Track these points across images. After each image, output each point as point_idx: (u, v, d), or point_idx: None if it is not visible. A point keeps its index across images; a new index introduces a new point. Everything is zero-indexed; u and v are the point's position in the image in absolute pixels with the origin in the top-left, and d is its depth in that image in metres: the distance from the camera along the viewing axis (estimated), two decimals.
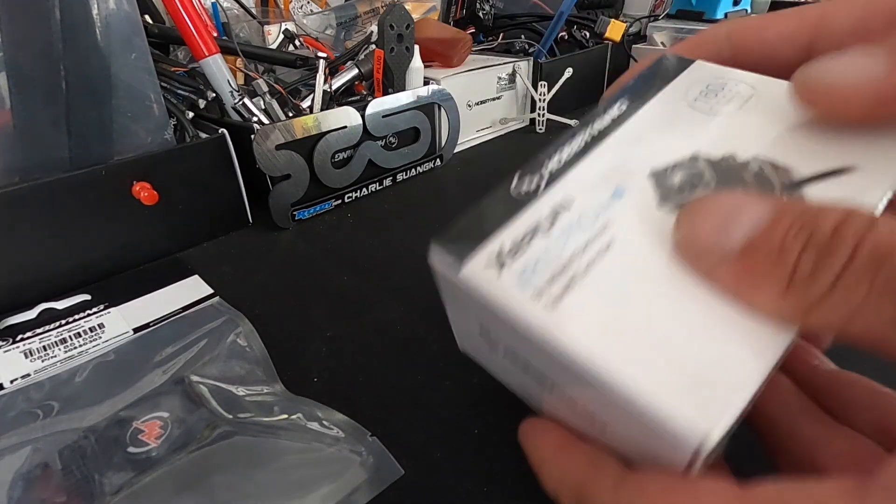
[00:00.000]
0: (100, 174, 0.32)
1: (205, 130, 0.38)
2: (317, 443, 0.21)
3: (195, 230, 0.37)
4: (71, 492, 0.19)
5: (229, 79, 0.40)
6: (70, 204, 0.31)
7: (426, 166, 0.48)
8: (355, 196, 0.43)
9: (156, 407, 0.23)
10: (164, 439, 0.21)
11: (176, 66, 0.44)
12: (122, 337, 0.28)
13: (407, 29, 0.44)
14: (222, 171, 0.37)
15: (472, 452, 0.21)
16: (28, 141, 0.31)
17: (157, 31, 0.48)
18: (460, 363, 0.25)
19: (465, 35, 0.54)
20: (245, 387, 0.24)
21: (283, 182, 0.38)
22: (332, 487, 0.19)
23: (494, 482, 0.20)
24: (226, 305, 0.30)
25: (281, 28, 0.55)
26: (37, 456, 0.21)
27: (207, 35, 0.38)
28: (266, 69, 0.50)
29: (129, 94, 0.33)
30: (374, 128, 0.42)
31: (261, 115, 0.40)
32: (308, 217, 0.41)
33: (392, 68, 0.45)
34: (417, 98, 0.45)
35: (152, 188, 0.33)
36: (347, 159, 0.42)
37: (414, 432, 0.22)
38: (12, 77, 0.29)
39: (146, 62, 0.34)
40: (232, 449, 0.21)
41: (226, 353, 0.26)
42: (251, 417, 0.22)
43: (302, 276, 0.34)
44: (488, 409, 0.23)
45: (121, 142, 0.34)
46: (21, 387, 0.24)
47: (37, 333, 0.28)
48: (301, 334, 0.28)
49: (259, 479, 0.20)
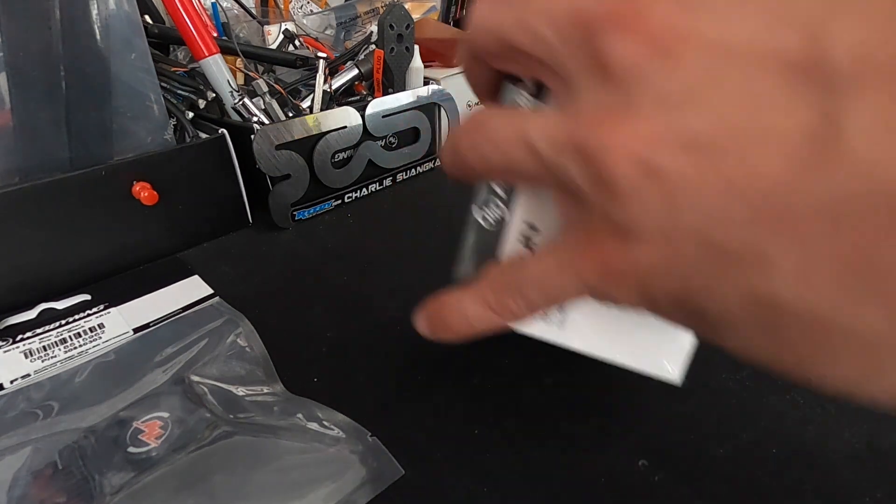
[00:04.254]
0: (100, 174, 0.32)
1: (205, 130, 0.38)
2: (317, 443, 0.21)
3: (195, 230, 0.37)
4: (71, 492, 0.19)
5: (229, 79, 0.40)
6: (70, 204, 0.31)
7: (426, 166, 0.48)
8: (355, 196, 0.43)
9: (156, 407, 0.23)
10: (164, 439, 0.21)
11: (176, 66, 0.44)
12: (122, 337, 0.28)
13: (407, 29, 0.44)
14: (222, 172, 0.37)
15: (472, 452, 0.21)
16: (28, 141, 0.31)
17: (157, 31, 0.48)
18: (460, 363, 0.25)
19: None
20: (245, 387, 0.24)
21: (283, 182, 0.38)
22: (332, 487, 0.19)
23: (494, 482, 0.20)
24: (226, 305, 0.30)
25: (281, 28, 0.55)
26: (37, 456, 0.21)
27: (207, 35, 0.38)
28: (266, 69, 0.50)
29: (129, 95, 0.33)
30: (374, 128, 0.42)
31: (261, 115, 0.40)
32: (308, 217, 0.41)
33: (392, 68, 0.45)
34: (417, 98, 0.45)
35: (152, 188, 0.33)
36: (347, 159, 0.42)
37: (414, 432, 0.22)
38: (12, 77, 0.29)
39: (146, 62, 0.34)
40: (232, 449, 0.21)
41: (226, 353, 0.26)
42: (251, 417, 0.22)
43: (302, 276, 0.34)
44: (488, 409, 0.23)
45: (121, 142, 0.34)
46: (21, 387, 0.24)
47: (37, 333, 0.28)
48: (301, 334, 0.28)
49: (259, 479, 0.20)
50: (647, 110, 0.11)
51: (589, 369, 0.25)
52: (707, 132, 0.11)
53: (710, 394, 0.23)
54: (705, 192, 0.11)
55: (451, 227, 0.39)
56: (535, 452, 0.21)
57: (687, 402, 0.22)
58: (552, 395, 0.23)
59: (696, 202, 0.11)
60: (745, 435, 0.21)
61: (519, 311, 0.16)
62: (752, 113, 0.10)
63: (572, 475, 0.20)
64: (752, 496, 0.19)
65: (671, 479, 0.20)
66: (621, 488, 0.19)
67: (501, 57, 0.15)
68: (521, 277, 0.15)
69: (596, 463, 0.20)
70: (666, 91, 0.11)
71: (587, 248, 0.13)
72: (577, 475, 0.20)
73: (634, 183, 0.11)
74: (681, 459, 0.20)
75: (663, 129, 0.11)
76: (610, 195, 0.12)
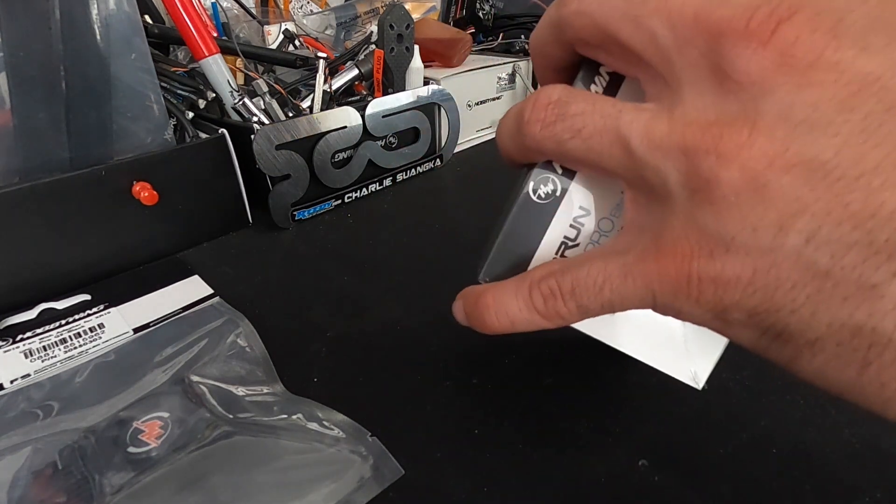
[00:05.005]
0: (100, 174, 0.32)
1: (205, 130, 0.38)
2: (317, 443, 0.21)
3: (195, 230, 0.37)
4: (71, 492, 0.19)
5: (229, 79, 0.40)
6: (70, 204, 0.31)
7: (426, 166, 0.48)
8: (355, 196, 0.43)
9: (156, 407, 0.23)
10: (165, 439, 0.21)
11: (176, 66, 0.44)
12: (122, 337, 0.28)
13: (407, 29, 0.44)
14: (222, 172, 0.37)
15: (472, 452, 0.21)
16: (28, 141, 0.31)
17: (157, 31, 0.48)
18: (460, 363, 0.25)
19: (465, 35, 0.54)
20: (245, 387, 0.24)
21: (283, 182, 0.38)
22: (332, 487, 0.19)
23: (494, 482, 0.20)
24: (226, 306, 0.30)
25: (281, 28, 0.55)
26: (37, 456, 0.21)
27: (207, 35, 0.38)
28: (266, 69, 0.50)
29: (129, 95, 0.33)
30: (374, 128, 0.42)
31: (261, 115, 0.40)
32: (308, 217, 0.41)
33: (392, 68, 0.45)
34: (417, 98, 0.45)
35: (152, 188, 0.33)
36: (347, 159, 0.42)
37: (414, 432, 0.22)
38: (12, 77, 0.29)
39: (146, 62, 0.34)
40: (232, 449, 0.21)
41: (226, 353, 0.26)
42: (251, 417, 0.22)
43: (302, 276, 0.34)
44: (488, 409, 0.23)
45: (121, 142, 0.34)
46: (21, 387, 0.24)
47: (37, 333, 0.28)
48: (301, 334, 0.28)
49: (259, 479, 0.20)
50: (768, 125, 0.11)
51: (589, 369, 0.25)
52: (830, 158, 0.10)
53: (710, 394, 0.23)
54: (820, 217, 0.11)
55: (451, 227, 0.39)
56: (535, 452, 0.21)
57: (687, 402, 0.22)
58: (552, 395, 0.23)
59: (809, 226, 0.11)
60: (745, 435, 0.21)
61: (570, 317, 0.15)
62: (881, 146, 0.10)
63: (572, 475, 0.20)
64: (753, 496, 0.19)
65: (671, 479, 0.20)
66: (621, 488, 0.19)
67: (595, 46, 0.15)
68: (576, 282, 0.14)
69: (596, 463, 0.20)
70: (791, 109, 0.11)
71: (662, 255, 0.13)
72: (577, 475, 0.20)
73: (741, 194, 0.11)
74: (681, 459, 0.20)
75: (783, 146, 0.11)
76: (707, 202, 0.12)
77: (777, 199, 0.11)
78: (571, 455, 0.21)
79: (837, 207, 0.10)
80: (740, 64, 0.11)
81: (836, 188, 0.10)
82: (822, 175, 0.11)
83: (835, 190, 0.10)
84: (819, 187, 0.11)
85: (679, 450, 0.21)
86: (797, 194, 0.11)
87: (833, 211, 0.10)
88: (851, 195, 0.10)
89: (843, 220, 0.10)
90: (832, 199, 0.10)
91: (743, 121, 0.11)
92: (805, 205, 0.11)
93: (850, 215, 0.10)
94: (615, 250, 0.14)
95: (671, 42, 0.12)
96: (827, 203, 0.11)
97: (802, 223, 0.11)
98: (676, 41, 0.12)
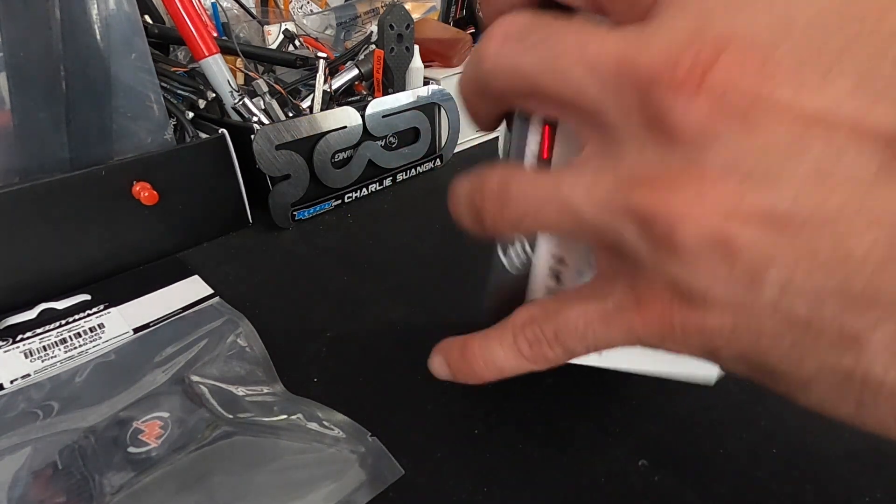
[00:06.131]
0: (100, 174, 0.32)
1: (205, 130, 0.38)
2: (317, 443, 0.21)
3: (195, 230, 0.37)
4: (71, 492, 0.19)
5: (229, 79, 0.40)
6: (70, 204, 0.31)
7: (426, 166, 0.48)
8: (355, 196, 0.43)
9: (156, 407, 0.23)
10: (164, 439, 0.21)
11: (176, 66, 0.44)
12: (122, 337, 0.28)
13: (407, 29, 0.44)
14: (222, 172, 0.37)
15: (472, 452, 0.21)
16: (28, 141, 0.31)
17: (157, 31, 0.47)
18: None
19: (465, 35, 0.54)
20: (245, 387, 0.24)
21: (283, 182, 0.38)
22: (332, 487, 0.19)
23: (494, 482, 0.20)
24: (226, 306, 0.30)
25: (281, 28, 0.55)
26: (37, 456, 0.21)
27: (207, 35, 0.38)
28: (266, 69, 0.50)
29: (129, 95, 0.33)
30: (374, 128, 0.42)
31: (261, 115, 0.40)
32: (308, 217, 0.41)
33: (392, 68, 0.45)
34: (417, 98, 0.45)
35: (152, 188, 0.33)
36: (347, 159, 0.42)
37: (414, 432, 0.22)
38: (12, 77, 0.29)
39: (146, 62, 0.34)
40: (232, 449, 0.21)
41: (226, 353, 0.26)
42: (251, 417, 0.22)
43: (302, 276, 0.34)
44: (488, 409, 0.23)
45: (121, 142, 0.34)
46: (21, 387, 0.24)
47: (37, 333, 0.28)
48: (301, 334, 0.28)
49: (259, 479, 0.20)
50: (717, 178, 0.11)
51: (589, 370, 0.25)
52: (788, 207, 0.10)
53: (709, 394, 0.23)
54: (790, 268, 0.10)
55: (451, 227, 0.39)
56: (535, 452, 0.21)
57: (687, 402, 0.22)
58: (552, 395, 0.23)
59: (779, 279, 0.10)
60: (745, 435, 0.21)
61: (557, 359, 0.15)
62: (836, 191, 0.10)
63: (572, 475, 0.20)
64: (752, 496, 0.19)
65: (671, 479, 0.20)
66: (621, 488, 0.19)
67: (521, 97, 0.14)
68: (559, 326, 0.14)
69: (596, 463, 0.20)
70: (739, 158, 0.10)
71: (643, 305, 0.13)
72: (577, 475, 0.20)
73: (706, 254, 0.11)
74: (681, 459, 0.20)
75: (737, 199, 0.10)
76: (675, 261, 0.11)
77: (742, 252, 0.11)
78: (571, 455, 0.21)
79: (806, 256, 0.10)
80: (676, 115, 0.11)
81: (801, 237, 0.10)
82: (782, 225, 0.10)
83: (801, 239, 0.10)
84: (783, 238, 0.10)
85: (679, 450, 0.21)
86: (761, 246, 0.10)
87: (801, 260, 0.10)
88: (818, 243, 0.10)
89: (814, 270, 0.10)
90: (799, 247, 0.10)
91: (688, 175, 0.11)
92: (771, 256, 0.10)
93: (821, 265, 0.10)
94: (594, 294, 0.14)
95: (599, 94, 0.12)
96: (794, 252, 0.10)
97: (773, 275, 0.10)
98: (604, 92, 0.12)
